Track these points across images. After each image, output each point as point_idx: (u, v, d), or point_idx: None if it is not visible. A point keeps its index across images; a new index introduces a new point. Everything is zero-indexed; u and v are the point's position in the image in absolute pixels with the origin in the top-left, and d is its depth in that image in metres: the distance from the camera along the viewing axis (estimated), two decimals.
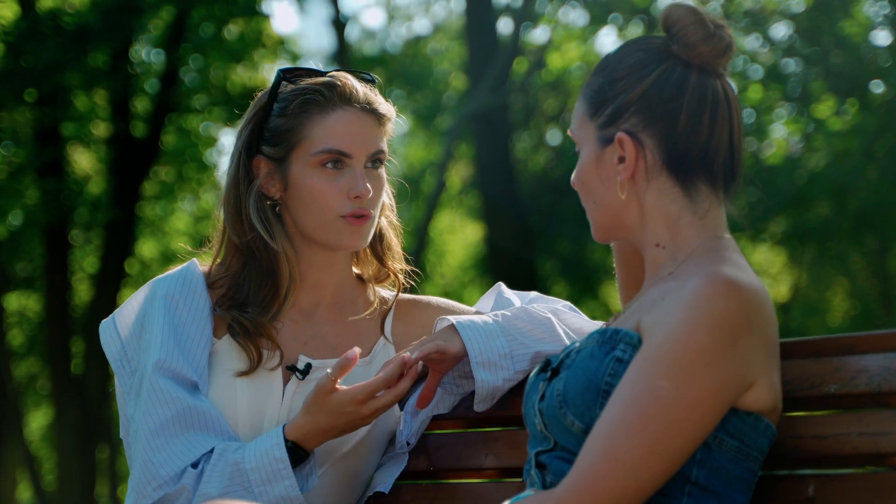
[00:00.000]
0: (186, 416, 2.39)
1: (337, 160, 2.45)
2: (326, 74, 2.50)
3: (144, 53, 13.42)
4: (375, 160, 2.49)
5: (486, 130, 14.10)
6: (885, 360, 1.95)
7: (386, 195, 2.56)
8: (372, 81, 2.54)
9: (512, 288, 2.67)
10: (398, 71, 17.98)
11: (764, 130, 15.28)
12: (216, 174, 14.60)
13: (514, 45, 14.66)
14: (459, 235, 20.23)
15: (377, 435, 2.56)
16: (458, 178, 18.07)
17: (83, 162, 14.04)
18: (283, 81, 2.49)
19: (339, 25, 15.17)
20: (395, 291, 2.61)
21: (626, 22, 15.76)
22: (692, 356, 1.87)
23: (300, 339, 2.53)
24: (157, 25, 12.62)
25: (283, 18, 41.99)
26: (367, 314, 2.57)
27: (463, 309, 2.63)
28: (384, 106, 2.51)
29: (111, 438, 14.41)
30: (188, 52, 12.80)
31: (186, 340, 2.45)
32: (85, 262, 14.43)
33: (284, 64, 13.83)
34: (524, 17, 15.24)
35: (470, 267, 19.76)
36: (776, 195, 13.83)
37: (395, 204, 2.62)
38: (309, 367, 2.49)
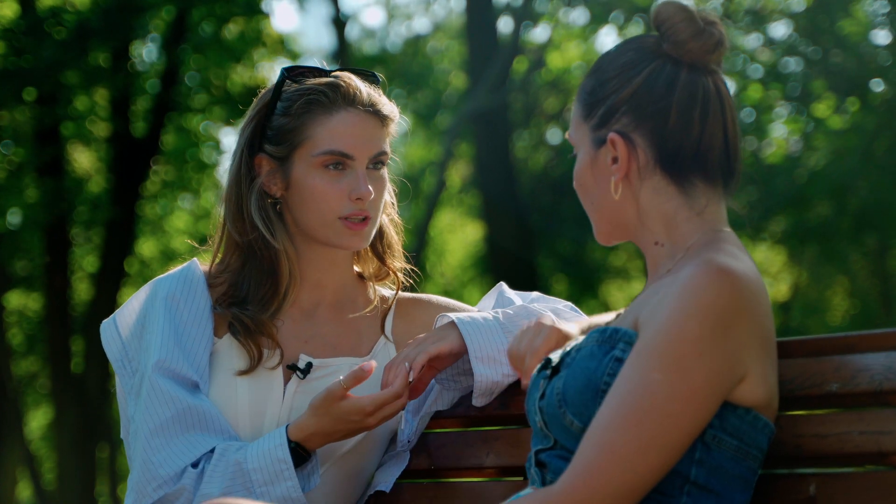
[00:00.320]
0: (186, 415, 2.39)
1: (339, 161, 2.45)
2: (330, 74, 2.49)
3: (145, 52, 13.43)
4: (377, 161, 2.49)
5: (486, 129, 14.10)
6: (886, 358, 1.95)
7: (388, 193, 2.56)
8: (376, 81, 2.53)
9: (512, 288, 2.67)
10: (398, 70, 17.97)
11: (764, 130, 15.29)
12: (216, 173, 14.61)
13: (514, 44, 14.66)
14: (459, 234, 20.22)
15: (378, 434, 2.56)
16: (458, 177, 18.06)
17: (83, 161, 14.03)
18: (286, 80, 2.48)
19: (339, 24, 15.19)
20: (395, 290, 2.62)
21: (626, 21, 15.76)
22: (685, 348, 1.87)
23: (301, 337, 2.53)
24: (157, 25, 12.62)
25: (282, 17, 42.00)
26: (367, 312, 2.57)
27: (463, 307, 2.62)
28: (388, 107, 2.50)
29: (111, 438, 14.41)
30: (188, 51, 12.79)
31: (187, 340, 2.45)
32: (85, 260, 14.43)
33: (284, 63, 13.82)
34: (524, 16, 15.24)
35: (470, 266, 19.76)
36: (776, 194, 13.83)
37: (396, 202, 2.62)
38: (310, 366, 2.49)
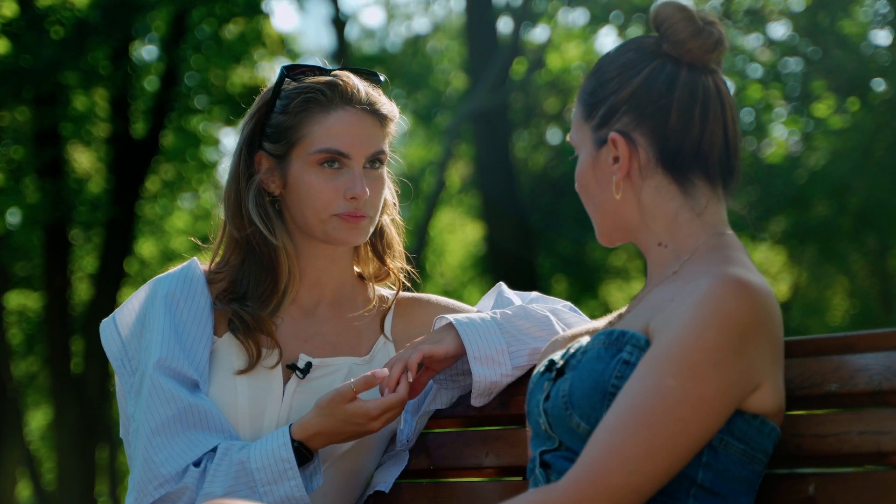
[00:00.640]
0: (187, 414, 2.39)
1: (335, 160, 2.45)
2: (330, 73, 2.50)
3: (144, 52, 13.43)
4: (375, 161, 2.48)
5: (485, 130, 14.09)
6: (885, 358, 1.95)
7: (388, 193, 2.56)
8: (378, 81, 2.53)
9: (512, 288, 2.67)
10: (398, 70, 17.96)
11: (764, 129, 15.28)
12: (216, 173, 14.61)
13: (513, 44, 14.65)
14: (459, 234, 20.22)
15: (377, 434, 2.55)
16: (457, 177, 18.07)
17: (83, 161, 14.03)
18: (286, 78, 2.49)
19: (338, 24, 15.18)
20: (395, 290, 2.61)
21: (626, 21, 15.75)
22: (701, 356, 1.87)
23: (300, 336, 2.52)
24: (157, 25, 12.62)
25: (282, 17, 42.00)
26: (366, 311, 2.57)
27: (463, 308, 2.62)
28: (386, 106, 2.50)
29: (111, 438, 14.41)
30: (188, 51, 12.79)
31: (187, 339, 2.45)
32: (84, 261, 14.42)
33: (284, 63, 13.79)
34: (524, 16, 15.23)
35: (470, 266, 19.76)
36: (776, 194, 13.83)
37: (398, 202, 2.61)
38: (309, 365, 2.49)
